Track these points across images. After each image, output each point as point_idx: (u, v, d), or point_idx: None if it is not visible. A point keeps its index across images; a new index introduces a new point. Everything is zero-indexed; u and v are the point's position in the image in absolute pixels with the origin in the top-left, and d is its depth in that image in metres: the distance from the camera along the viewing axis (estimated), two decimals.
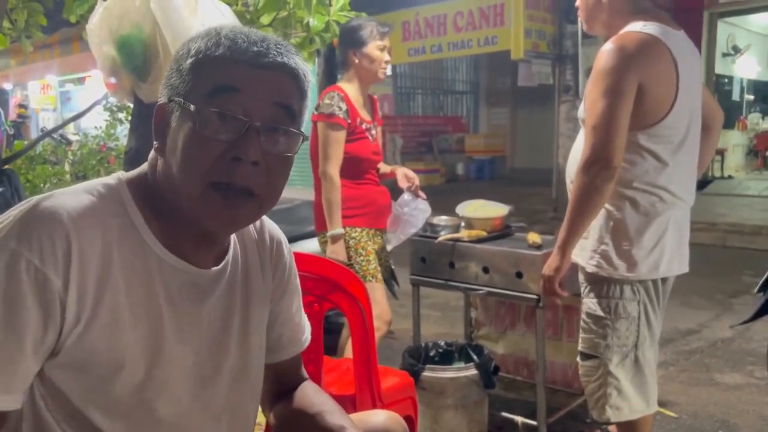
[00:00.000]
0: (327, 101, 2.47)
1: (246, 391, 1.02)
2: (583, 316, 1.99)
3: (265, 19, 2.57)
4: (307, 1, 2.48)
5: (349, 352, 2.42)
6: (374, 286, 2.47)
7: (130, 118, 2.50)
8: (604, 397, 1.95)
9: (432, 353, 2.52)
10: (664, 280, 1.95)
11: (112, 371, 0.84)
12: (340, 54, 2.59)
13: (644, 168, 1.86)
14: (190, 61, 0.86)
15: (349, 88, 2.57)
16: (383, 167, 2.74)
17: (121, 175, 0.93)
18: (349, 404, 1.61)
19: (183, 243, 0.91)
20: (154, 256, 0.89)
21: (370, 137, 2.62)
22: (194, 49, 0.86)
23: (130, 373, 0.85)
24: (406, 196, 2.62)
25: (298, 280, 1.13)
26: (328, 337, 2.68)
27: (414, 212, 2.58)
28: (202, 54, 0.85)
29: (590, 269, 1.93)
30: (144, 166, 0.94)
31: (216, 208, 0.85)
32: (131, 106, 2.40)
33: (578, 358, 2.03)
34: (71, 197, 0.84)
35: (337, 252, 2.50)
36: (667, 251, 1.89)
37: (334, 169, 2.47)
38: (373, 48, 2.52)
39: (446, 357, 2.52)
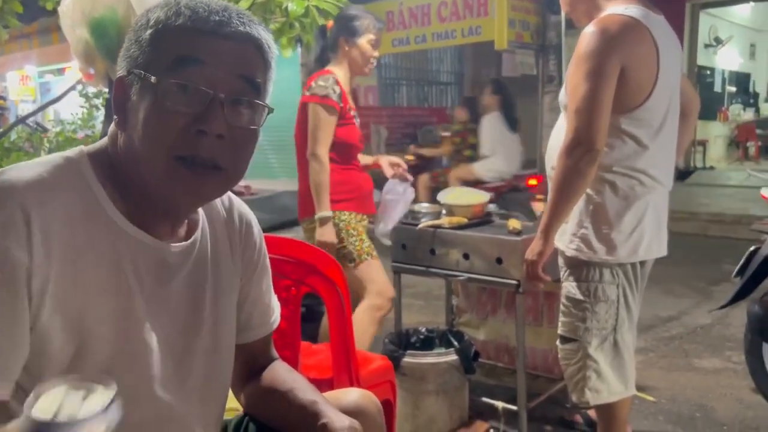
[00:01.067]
0: (321, 83, 2.44)
1: (217, 372, 1.01)
2: (563, 299, 2.00)
3: (243, 4, 2.54)
4: None
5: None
6: (371, 263, 2.45)
7: (105, 103, 2.47)
8: (583, 380, 1.96)
9: (413, 339, 2.53)
10: (642, 263, 1.96)
11: (75, 350, 0.82)
12: (331, 38, 2.58)
13: (624, 152, 1.87)
14: (149, 31, 0.84)
15: (339, 73, 2.55)
16: (363, 159, 2.72)
17: (83, 148, 0.91)
18: (327, 387, 1.59)
19: (148, 218, 0.90)
20: (120, 231, 0.87)
21: (357, 124, 2.62)
22: (153, 19, 0.84)
23: (96, 352, 0.83)
24: (390, 184, 2.62)
25: (268, 261, 1.12)
26: (309, 326, 2.68)
27: (398, 197, 2.58)
28: (162, 24, 0.83)
29: (570, 253, 1.94)
30: (105, 140, 0.92)
31: (181, 181, 0.84)
32: (107, 91, 2.37)
33: (557, 342, 2.04)
34: (28, 170, 0.82)
35: (325, 234, 2.48)
36: (646, 235, 1.90)
37: (323, 150, 2.44)
38: (364, 41, 2.52)
39: (427, 343, 2.52)
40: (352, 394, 1.14)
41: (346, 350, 1.56)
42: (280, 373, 1.10)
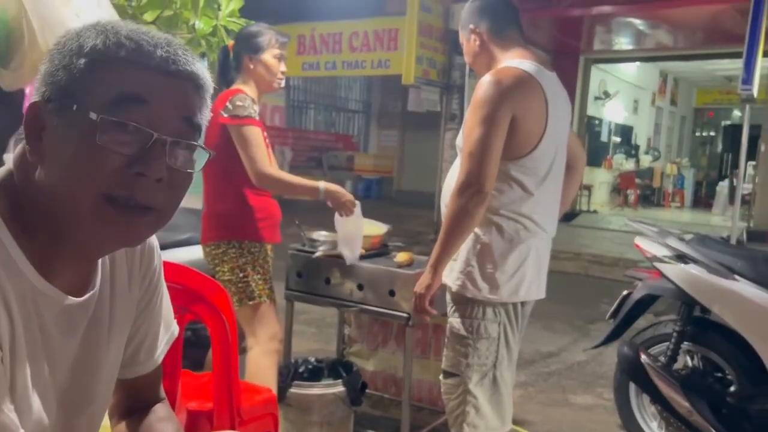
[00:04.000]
0: (239, 103, 2.31)
1: (88, 416, 0.94)
2: (448, 334, 2.06)
3: (148, 17, 2.46)
4: (194, 3, 2.40)
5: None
6: (269, 306, 2.35)
7: None
8: (462, 415, 2.02)
9: (301, 369, 2.50)
10: (523, 303, 2.05)
11: None
12: (235, 58, 2.46)
13: (511, 197, 1.96)
14: (84, 60, 0.76)
15: (248, 91, 2.44)
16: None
17: None
18: (207, 421, 1.55)
19: (56, 265, 0.82)
20: (28, 284, 0.79)
21: (269, 146, 2.52)
22: (89, 47, 0.77)
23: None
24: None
25: (165, 288, 1.06)
26: (194, 351, 2.59)
27: (357, 221, 2.47)
28: (101, 54, 0.76)
29: (456, 289, 2.00)
30: (6, 169, 0.82)
31: (110, 223, 0.78)
32: None
33: (441, 376, 2.09)
34: None
35: (335, 187, 2.41)
36: (527, 277, 2.00)
37: (269, 167, 2.32)
38: (269, 56, 2.43)
39: (315, 373, 2.51)
40: None
41: (229, 381, 1.52)
42: (153, 427, 1.04)
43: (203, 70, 0.83)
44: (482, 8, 2.08)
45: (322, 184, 2.40)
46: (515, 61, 1.99)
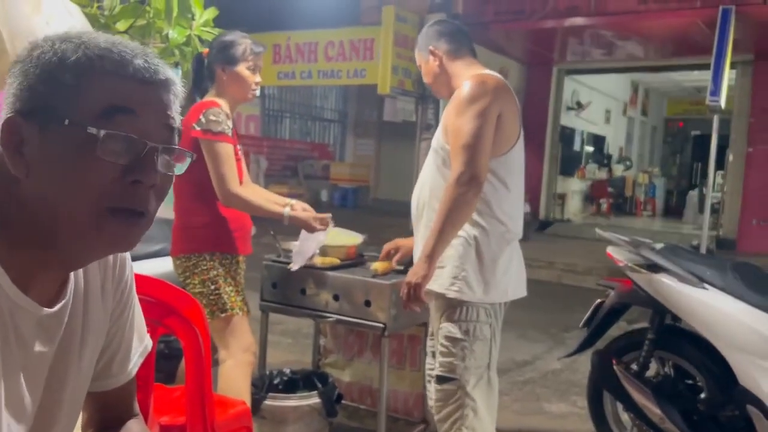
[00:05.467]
0: (213, 118, 2.27)
1: (60, 427, 0.92)
2: (442, 340, 2.07)
3: (121, 26, 2.44)
4: (168, 13, 2.39)
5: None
6: (242, 319, 2.33)
7: None
8: (461, 419, 2.02)
9: (276, 381, 2.49)
10: (505, 303, 2.10)
11: None
12: (208, 67, 2.42)
13: (496, 197, 2.04)
14: (69, 74, 0.77)
15: (223, 104, 2.38)
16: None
17: None
18: None
19: (35, 276, 0.82)
20: (5, 297, 0.78)
21: (242, 160, 2.49)
22: (71, 61, 0.77)
23: None
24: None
25: (137, 299, 1.06)
26: (167, 362, 2.56)
27: (312, 236, 2.48)
28: (86, 67, 0.78)
29: (451, 294, 2.02)
30: None
31: (109, 232, 0.79)
32: None
33: (434, 383, 2.09)
34: None
35: (298, 214, 2.39)
36: (513, 277, 2.08)
37: (237, 186, 2.29)
38: (243, 68, 2.37)
39: (291, 385, 2.49)
40: None
41: (202, 395, 1.50)
42: None
43: (174, 75, 0.86)
44: (440, 31, 2.19)
45: (287, 212, 2.37)
46: (485, 71, 2.08)
